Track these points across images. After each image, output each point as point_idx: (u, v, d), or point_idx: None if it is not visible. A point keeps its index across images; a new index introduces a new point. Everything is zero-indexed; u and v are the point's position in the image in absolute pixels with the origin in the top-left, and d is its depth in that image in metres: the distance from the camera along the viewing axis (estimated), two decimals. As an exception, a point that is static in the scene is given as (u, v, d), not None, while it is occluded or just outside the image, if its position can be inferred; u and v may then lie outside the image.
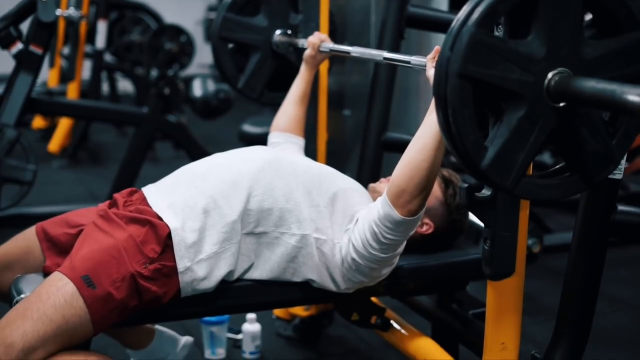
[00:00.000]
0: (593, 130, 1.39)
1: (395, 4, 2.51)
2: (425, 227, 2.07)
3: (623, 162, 1.70)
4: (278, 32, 2.54)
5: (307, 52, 2.36)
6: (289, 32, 2.54)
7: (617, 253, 2.78)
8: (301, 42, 2.45)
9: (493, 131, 1.34)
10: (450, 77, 1.27)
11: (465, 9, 1.28)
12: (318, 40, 2.34)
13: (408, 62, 1.89)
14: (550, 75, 1.30)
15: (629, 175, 3.96)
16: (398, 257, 1.98)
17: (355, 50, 2.21)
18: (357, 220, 1.93)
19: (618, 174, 1.71)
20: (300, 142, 2.35)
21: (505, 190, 1.37)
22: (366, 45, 3.08)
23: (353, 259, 1.90)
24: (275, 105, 2.52)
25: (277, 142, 2.33)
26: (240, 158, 2.02)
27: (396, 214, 1.80)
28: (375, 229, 1.84)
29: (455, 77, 1.26)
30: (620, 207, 1.76)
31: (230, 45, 2.56)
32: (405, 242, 1.93)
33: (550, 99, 1.31)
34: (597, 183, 1.46)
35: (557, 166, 1.47)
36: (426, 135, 1.75)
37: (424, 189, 1.78)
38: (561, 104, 1.31)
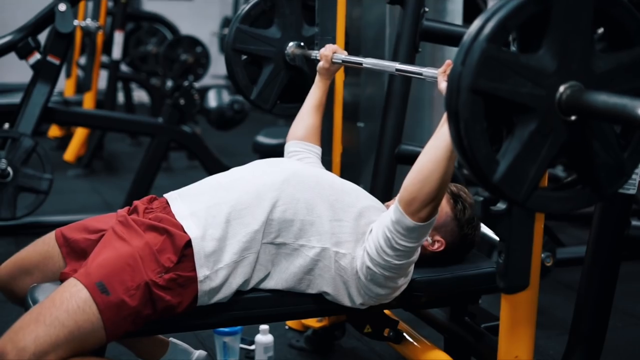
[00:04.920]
0: (605, 143, 1.39)
1: (410, 18, 2.52)
2: (437, 245, 2.06)
3: (636, 177, 1.70)
4: (291, 44, 2.55)
5: (320, 64, 2.36)
6: (302, 44, 2.56)
7: (631, 267, 2.76)
8: (314, 53, 2.46)
9: (505, 145, 1.34)
10: (462, 91, 1.27)
11: (476, 24, 1.28)
12: (330, 51, 2.34)
13: (420, 74, 1.89)
14: (561, 89, 1.30)
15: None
16: (413, 267, 1.98)
17: (367, 62, 2.22)
18: (371, 230, 1.94)
19: (632, 189, 1.71)
20: (318, 150, 2.34)
21: (517, 203, 1.37)
22: (381, 58, 3.10)
23: (368, 268, 1.90)
24: (288, 117, 2.52)
25: (296, 150, 2.32)
26: (265, 170, 2.03)
27: (408, 220, 1.81)
28: (389, 235, 1.85)
29: (466, 91, 1.26)
30: (634, 222, 1.76)
31: (244, 57, 2.58)
32: (419, 249, 1.93)
33: (561, 112, 1.31)
34: (609, 196, 1.46)
35: (569, 179, 1.47)
36: (438, 146, 1.76)
37: (435, 198, 1.79)
38: (572, 118, 1.31)
